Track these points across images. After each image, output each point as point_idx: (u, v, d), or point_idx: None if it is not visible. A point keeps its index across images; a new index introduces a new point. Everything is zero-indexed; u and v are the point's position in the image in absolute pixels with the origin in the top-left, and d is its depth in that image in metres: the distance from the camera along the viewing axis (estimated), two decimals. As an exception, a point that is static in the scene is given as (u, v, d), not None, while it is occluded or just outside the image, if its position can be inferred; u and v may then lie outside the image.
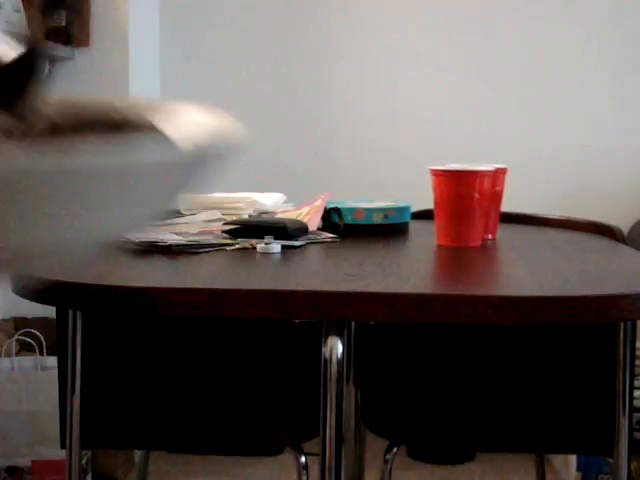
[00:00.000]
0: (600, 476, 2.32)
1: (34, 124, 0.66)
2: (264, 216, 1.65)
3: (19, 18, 2.33)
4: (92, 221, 0.52)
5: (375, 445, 1.90)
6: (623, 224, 2.68)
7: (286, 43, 2.85)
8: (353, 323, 1.49)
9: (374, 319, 1.01)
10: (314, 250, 1.39)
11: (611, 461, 1.41)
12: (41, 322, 2.52)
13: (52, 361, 2.36)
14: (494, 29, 2.80)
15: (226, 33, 2.86)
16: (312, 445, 1.31)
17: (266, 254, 1.33)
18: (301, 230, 1.48)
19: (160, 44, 2.87)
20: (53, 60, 2.52)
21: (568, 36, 2.79)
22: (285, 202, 1.81)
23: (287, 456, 1.50)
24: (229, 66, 2.87)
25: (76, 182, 0.47)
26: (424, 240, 1.52)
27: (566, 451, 1.62)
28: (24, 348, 2.47)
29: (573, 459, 2.34)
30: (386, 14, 2.82)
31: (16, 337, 2.43)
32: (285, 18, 2.85)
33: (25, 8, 2.37)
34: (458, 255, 1.35)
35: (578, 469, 2.32)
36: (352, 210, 1.59)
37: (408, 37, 2.83)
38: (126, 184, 0.50)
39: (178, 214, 1.70)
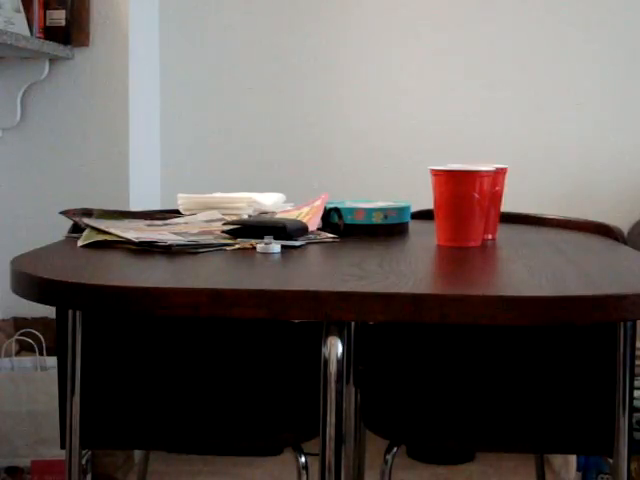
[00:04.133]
0: (600, 476, 2.32)
1: None
2: (264, 216, 1.65)
3: (19, 18, 2.33)
4: None
5: (375, 445, 1.90)
6: (623, 224, 2.69)
7: (286, 43, 2.85)
8: (353, 323, 1.49)
9: (374, 319, 1.01)
10: (314, 250, 1.38)
11: (611, 461, 1.41)
12: (41, 322, 2.52)
13: (52, 361, 2.36)
14: (494, 29, 2.80)
15: (226, 33, 2.86)
16: (312, 445, 1.31)
17: (266, 254, 1.32)
18: (301, 230, 1.48)
19: (160, 44, 2.87)
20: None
21: (568, 36, 2.79)
22: (285, 202, 1.81)
23: (287, 456, 1.50)
24: (229, 66, 2.87)
25: None
26: (424, 240, 1.52)
27: (566, 451, 1.62)
28: (24, 348, 2.47)
29: (573, 459, 2.34)
30: (387, 15, 2.82)
31: (16, 337, 2.43)
32: (286, 18, 2.85)
33: (25, 8, 2.37)
34: (458, 255, 1.35)
35: (578, 469, 2.32)
36: (352, 210, 1.59)
37: (408, 38, 2.83)
38: None
39: (178, 214, 1.70)
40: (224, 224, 1.54)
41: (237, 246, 1.39)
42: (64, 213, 1.58)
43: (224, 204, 1.68)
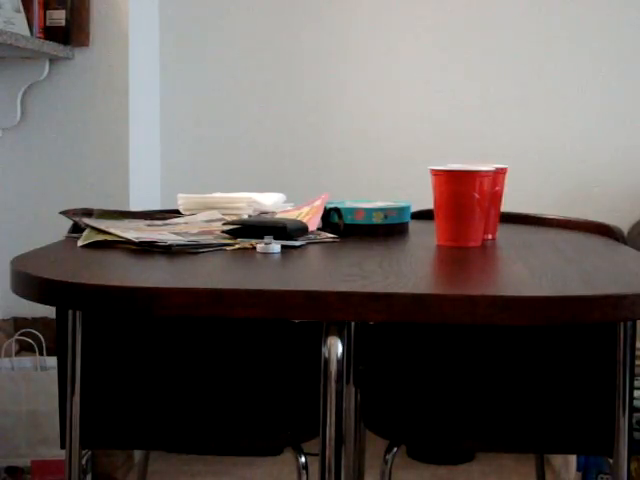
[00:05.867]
0: (600, 476, 2.32)
1: None
2: (264, 216, 1.65)
3: (19, 18, 2.33)
4: None
5: (375, 445, 1.90)
6: (623, 224, 2.69)
7: (286, 44, 2.85)
8: (353, 323, 1.49)
9: (374, 319, 1.01)
10: (314, 250, 1.39)
11: (611, 461, 1.41)
12: (41, 322, 2.52)
13: (52, 361, 2.36)
14: (494, 29, 2.80)
15: (226, 33, 2.86)
16: (312, 445, 1.31)
17: (266, 254, 1.32)
18: (301, 230, 1.48)
19: (160, 44, 2.87)
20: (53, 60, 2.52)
21: (568, 36, 2.79)
22: (285, 202, 1.81)
23: (287, 456, 1.50)
24: (229, 66, 2.87)
25: None
26: (424, 240, 1.52)
27: (566, 451, 1.62)
28: (24, 348, 2.47)
29: (573, 459, 2.34)
30: (386, 14, 2.82)
31: (16, 337, 2.43)
32: (286, 18, 2.85)
33: (25, 8, 2.37)
34: (458, 255, 1.35)
35: (578, 469, 2.32)
36: (352, 210, 1.59)
37: (408, 37, 2.83)
38: None
39: (178, 214, 1.70)
40: (224, 224, 1.54)
41: (237, 246, 1.39)
42: (64, 213, 1.58)
43: (224, 204, 1.68)
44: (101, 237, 1.41)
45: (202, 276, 1.12)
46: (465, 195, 1.42)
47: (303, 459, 1.44)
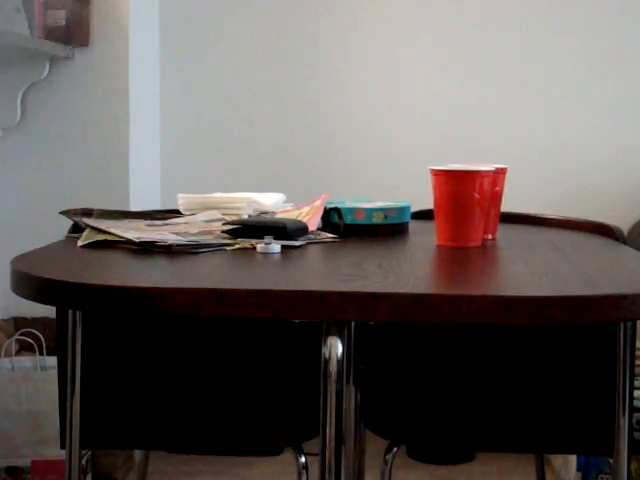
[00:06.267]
0: (600, 476, 2.32)
1: None
2: (264, 216, 1.65)
3: (19, 18, 2.33)
4: None
5: (375, 445, 1.90)
6: (623, 224, 2.69)
7: (286, 44, 2.85)
8: (353, 323, 1.49)
9: (374, 319, 1.01)
10: (314, 250, 1.39)
11: (611, 461, 1.41)
12: (41, 322, 2.52)
13: (52, 361, 2.36)
14: (494, 29, 2.80)
15: (226, 33, 2.86)
16: (312, 445, 1.31)
17: (266, 254, 1.33)
18: (301, 230, 1.48)
19: (160, 44, 2.87)
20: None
21: (568, 36, 2.79)
22: (285, 202, 1.81)
23: (287, 456, 1.50)
24: (229, 66, 2.87)
25: None
26: (424, 240, 1.52)
27: (566, 451, 1.62)
28: (24, 348, 2.47)
29: (573, 459, 2.34)
30: (386, 15, 2.82)
31: (16, 337, 2.42)
32: (286, 18, 2.85)
33: (25, 8, 2.37)
34: (458, 255, 1.35)
35: (578, 469, 2.32)
36: (352, 210, 1.59)
37: (408, 38, 2.83)
38: None
39: (178, 214, 1.70)
40: (224, 224, 1.54)
41: (237, 246, 1.39)
42: (64, 213, 1.58)
43: (224, 204, 1.68)
44: (101, 237, 1.41)
45: (202, 276, 1.12)
46: (465, 195, 1.42)
47: (303, 459, 1.44)
